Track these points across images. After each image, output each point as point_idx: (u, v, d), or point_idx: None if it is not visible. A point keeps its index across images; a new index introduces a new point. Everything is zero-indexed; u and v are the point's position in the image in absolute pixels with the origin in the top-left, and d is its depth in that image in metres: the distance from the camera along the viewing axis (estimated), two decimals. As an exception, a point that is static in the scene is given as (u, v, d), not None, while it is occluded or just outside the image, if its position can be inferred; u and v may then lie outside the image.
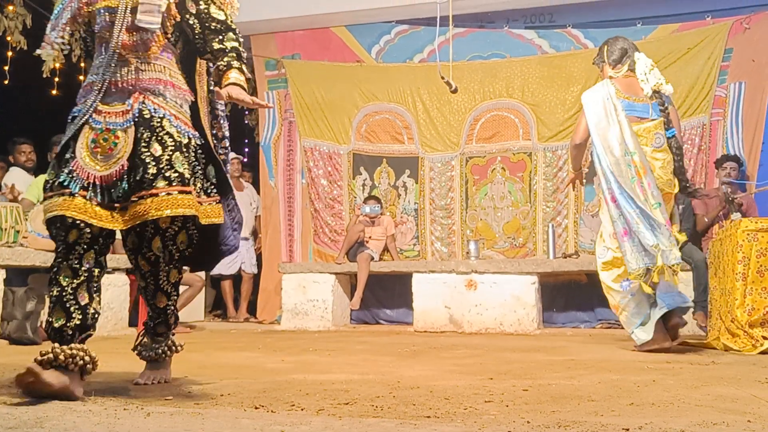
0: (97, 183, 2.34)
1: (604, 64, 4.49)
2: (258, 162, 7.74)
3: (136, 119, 2.39)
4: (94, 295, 2.37)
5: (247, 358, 3.74)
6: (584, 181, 4.81)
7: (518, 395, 2.37)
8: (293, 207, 7.55)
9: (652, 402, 2.22)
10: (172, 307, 2.63)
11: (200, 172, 2.53)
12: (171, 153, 2.38)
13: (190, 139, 2.47)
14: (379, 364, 3.40)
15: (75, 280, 2.31)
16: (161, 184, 2.32)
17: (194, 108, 2.63)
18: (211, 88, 2.73)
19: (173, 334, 2.72)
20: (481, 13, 7.12)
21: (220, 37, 2.54)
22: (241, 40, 2.60)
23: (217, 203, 2.58)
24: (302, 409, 2.09)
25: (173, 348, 2.71)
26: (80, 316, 2.31)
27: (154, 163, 2.34)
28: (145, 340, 2.69)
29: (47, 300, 2.36)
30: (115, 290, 5.77)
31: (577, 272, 6.33)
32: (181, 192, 2.35)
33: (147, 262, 2.49)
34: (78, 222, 2.29)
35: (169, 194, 2.33)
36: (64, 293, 2.30)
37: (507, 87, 7.03)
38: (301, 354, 3.99)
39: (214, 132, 2.75)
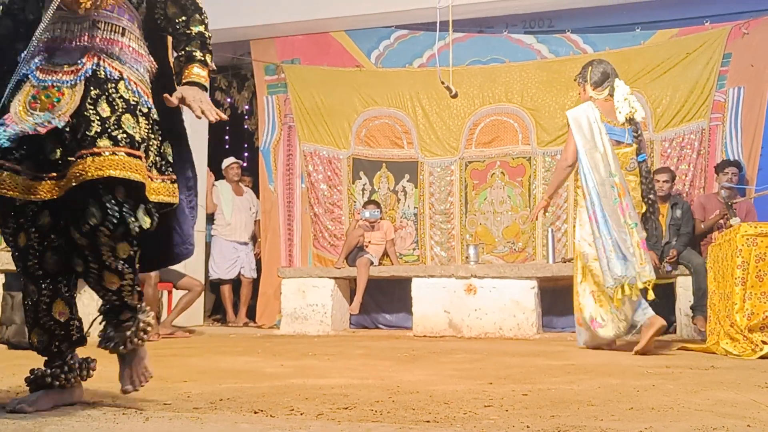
0: (35, 136, 2.00)
1: (585, 84, 4.68)
2: (257, 166, 7.74)
3: (88, 78, 2.07)
4: (74, 306, 2.19)
5: (246, 363, 3.73)
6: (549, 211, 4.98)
7: (518, 400, 2.37)
8: (293, 211, 7.55)
9: (652, 406, 2.22)
10: (130, 286, 2.12)
11: (155, 146, 2.17)
12: (120, 114, 2.05)
13: (149, 109, 2.15)
14: (379, 369, 3.40)
15: (43, 295, 2.10)
16: (105, 143, 1.98)
17: (169, 87, 2.31)
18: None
19: (141, 312, 2.22)
20: (481, 18, 7.13)
21: (185, 17, 2.26)
22: (208, 21, 2.32)
23: (172, 182, 2.21)
24: (301, 414, 2.09)
25: (145, 329, 2.23)
26: (63, 332, 2.16)
27: (99, 122, 2.01)
28: (110, 331, 2.20)
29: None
30: (115, 295, 5.76)
31: (576, 277, 6.31)
32: (129, 155, 2.00)
33: (82, 235, 1.99)
34: (22, 221, 2.07)
35: (114, 154, 1.97)
36: (38, 310, 2.11)
37: (506, 92, 7.04)
38: (301, 358, 3.99)
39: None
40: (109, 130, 2.01)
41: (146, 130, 2.11)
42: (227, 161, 7.75)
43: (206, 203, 7.56)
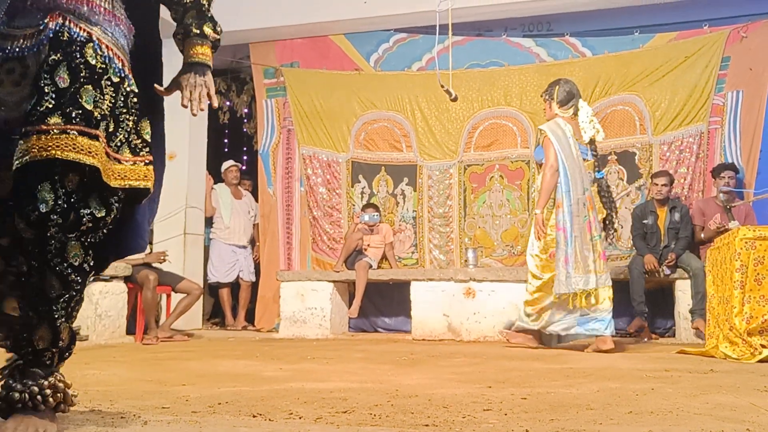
0: None
1: (551, 101, 4.96)
2: (256, 170, 7.74)
3: (50, 40, 1.78)
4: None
5: (245, 366, 3.73)
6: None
7: (517, 403, 2.36)
8: (292, 215, 7.55)
9: (651, 410, 2.22)
10: (66, 304, 1.76)
11: (130, 123, 1.88)
12: (81, 85, 1.77)
13: (122, 78, 1.86)
14: (378, 373, 3.39)
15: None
16: (56, 120, 1.71)
17: (152, 60, 2.08)
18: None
19: (61, 363, 1.83)
20: (480, 21, 7.13)
21: None
22: None
23: (146, 164, 1.90)
24: (300, 418, 2.08)
25: (61, 388, 1.78)
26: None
27: (54, 95, 1.73)
28: (14, 380, 1.74)
29: None
30: (113, 298, 5.76)
31: (575, 280, 6.31)
32: (82, 133, 1.72)
33: (28, 224, 1.71)
34: None
35: (64, 133, 1.70)
36: None
37: (505, 95, 7.04)
38: (300, 362, 3.98)
39: None
40: (64, 105, 1.73)
41: (112, 103, 1.83)
42: (226, 164, 7.75)
43: (205, 207, 7.55)
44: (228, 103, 8.68)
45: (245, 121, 8.92)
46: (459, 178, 7.14)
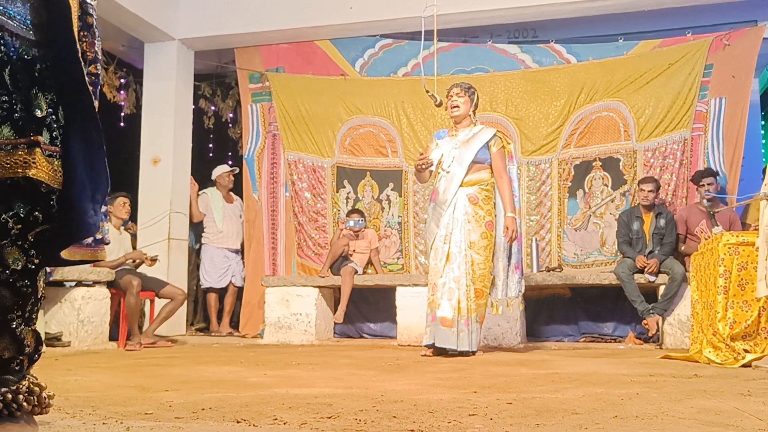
0: None
1: (474, 107, 5.29)
2: (241, 175, 7.72)
3: None
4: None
5: (229, 372, 3.70)
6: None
7: (502, 409, 2.36)
8: (277, 220, 7.53)
9: (636, 415, 2.22)
10: (21, 310, 1.57)
11: (45, 99, 1.52)
12: None
13: (5, 47, 1.46)
14: (363, 378, 3.38)
15: None
16: None
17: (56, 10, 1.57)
18: None
19: (31, 367, 1.65)
20: (465, 27, 7.16)
21: None
22: None
23: (28, 147, 1.48)
24: (285, 423, 2.07)
25: (35, 392, 1.62)
26: None
27: None
28: None
29: None
30: (96, 303, 5.71)
31: (560, 286, 6.34)
32: None
33: None
34: None
35: None
36: None
37: (490, 101, 7.06)
38: (284, 368, 3.96)
39: (82, 50, 1.65)
40: None
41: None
42: (221, 169, 7.68)
43: (191, 212, 7.50)
44: (213, 108, 8.65)
45: (230, 125, 8.90)
46: (444, 184, 7.13)
